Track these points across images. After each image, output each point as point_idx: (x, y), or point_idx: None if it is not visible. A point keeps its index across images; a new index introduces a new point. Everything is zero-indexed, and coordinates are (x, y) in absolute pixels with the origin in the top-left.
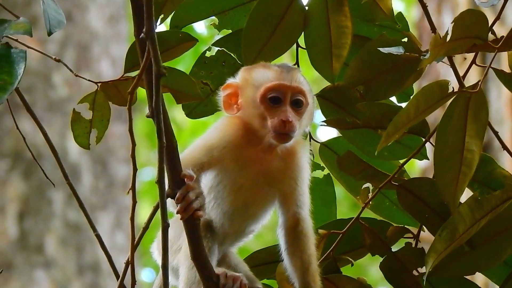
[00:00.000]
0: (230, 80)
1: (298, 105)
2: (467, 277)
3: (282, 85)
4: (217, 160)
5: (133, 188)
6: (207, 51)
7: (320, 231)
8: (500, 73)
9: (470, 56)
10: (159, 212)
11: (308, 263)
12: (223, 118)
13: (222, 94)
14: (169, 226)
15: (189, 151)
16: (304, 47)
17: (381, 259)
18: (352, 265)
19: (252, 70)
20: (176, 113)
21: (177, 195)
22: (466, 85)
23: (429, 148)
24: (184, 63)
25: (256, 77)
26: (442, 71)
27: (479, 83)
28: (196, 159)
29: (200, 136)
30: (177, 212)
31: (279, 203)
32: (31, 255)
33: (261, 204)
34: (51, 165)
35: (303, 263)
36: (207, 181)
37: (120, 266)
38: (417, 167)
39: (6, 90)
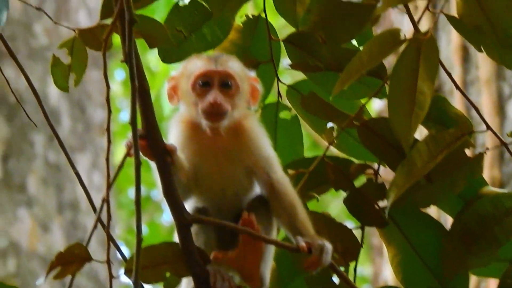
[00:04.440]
0: (172, 73)
1: (226, 87)
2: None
3: (208, 71)
4: (187, 160)
5: (108, 129)
6: (180, 1)
7: (289, 171)
8: (451, 18)
9: (422, 3)
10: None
11: (293, 214)
12: (173, 118)
13: (167, 86)
14: (141, 164)
15: None
16: None
17: (343, 195)
18: (318, 200)
19: (187, 62)
20: (150, 59)
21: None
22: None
23: None
24: (158, 15)
25: (188, 68)
26: (396, 21)
27: (430, 30)
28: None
29: None
30: None
31: (252, 175)
32: (14, 194)
33: (237, 183)
34: (33, 109)
35: (288, 216)
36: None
37: (98, 204)
38: (372, 110)
39: None
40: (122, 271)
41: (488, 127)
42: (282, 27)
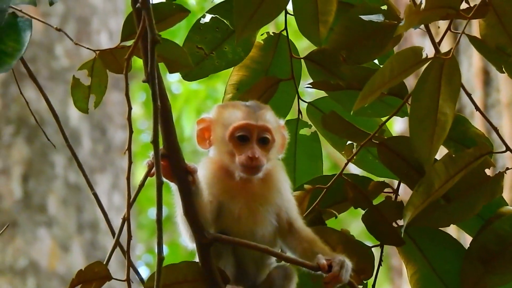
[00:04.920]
0: (204, 115)
1: (264, 142)
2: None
3: (248, 124)
4: (212, 196)
5: (129, 149)
6: (201, 18)
7: (306, 186)
8: (473, 39)
9: (443, 25)
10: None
11: (312, 241)
12: (202, 160)
13: (196, 128)
14: (163, 183)
15: None
16: (292, 14)
17: (362, 214)
18: (336, 217)
19: (223, 108)
20: (170, 81)
21: None
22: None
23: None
24: (178, 37)
25: (225, 116)
26: (417, 42)
27: (452, 50)
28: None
29: None
30: None
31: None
32: (34, 214)
33: (268, 225)
34: (53, 130)
35: (308, 243)
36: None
37: (117, 224)
38: (394, 131)
39: (14, 57)
40: None
41: (508, 148)
42: (305, 49)
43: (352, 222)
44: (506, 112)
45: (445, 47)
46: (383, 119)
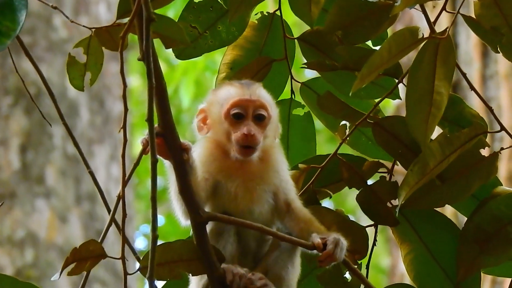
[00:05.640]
0: (200, 106)
1: (260, 119)
2: (437, 209)
3: (243, 100)
4: (208, 174)
5: (124, 127)
6: None
7: (301, 165)
8: (468, 19)
9: (440, 4)
10: None
11: (309, 221)
12: (199, 139)
13: (195, 120)
14: (157, 161)
15: None
16: None
17: (357, 191)
18: (331, 197)
19: (217, 90)
20: (169, 53)
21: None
22: (438, 31)
23: (402, 88)
24: (175, 9)
25: (220, 95)
26: (416, 16)
27: (447, 29)
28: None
29: None
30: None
31: (272, 195)
32: (33, 185)
33: (264, 204)
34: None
35: (305, 223)
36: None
37: (114, 198)
38: (392, 104)
39: (9, 36)
40: (138, 265)
41: (502, 128)
42: (298, 24)
43: (348, 196)
44: (504, 83)
45: (443, 22)
46: (376, 100)
